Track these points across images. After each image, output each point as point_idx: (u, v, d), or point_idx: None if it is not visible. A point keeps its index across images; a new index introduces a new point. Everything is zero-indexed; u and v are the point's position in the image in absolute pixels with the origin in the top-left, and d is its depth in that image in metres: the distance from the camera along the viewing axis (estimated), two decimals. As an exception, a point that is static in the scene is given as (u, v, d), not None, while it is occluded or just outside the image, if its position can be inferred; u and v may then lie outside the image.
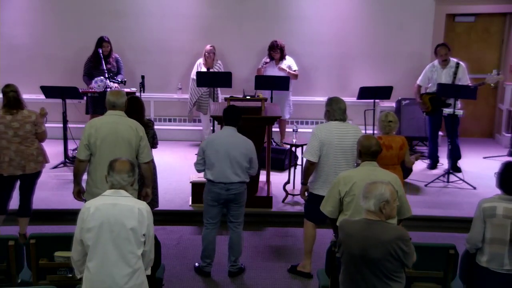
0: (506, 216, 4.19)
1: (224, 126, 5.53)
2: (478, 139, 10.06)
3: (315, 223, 5.58)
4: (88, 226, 3.70)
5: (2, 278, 4.52)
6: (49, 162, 6.28)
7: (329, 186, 5.27)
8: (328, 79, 9.68)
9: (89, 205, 3.78)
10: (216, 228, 5.62)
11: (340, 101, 5.48)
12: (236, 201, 5.50)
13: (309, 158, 5.41)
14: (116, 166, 3.82)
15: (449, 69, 8.12)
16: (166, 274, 5.04)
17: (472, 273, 4.43)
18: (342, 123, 5.43)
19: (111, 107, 5.18)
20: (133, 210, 3.73)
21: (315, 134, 5.43)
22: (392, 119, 5.88)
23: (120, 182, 3.80)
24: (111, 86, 8.21)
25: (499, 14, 9.78)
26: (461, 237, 4.94)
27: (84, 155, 5.13)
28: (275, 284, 5.57)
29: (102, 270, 3.69)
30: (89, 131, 5.09)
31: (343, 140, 5.35)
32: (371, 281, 3.66)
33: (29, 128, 5.81)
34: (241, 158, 5.39)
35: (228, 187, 5.41)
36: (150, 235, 3.80)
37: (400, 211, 4.53)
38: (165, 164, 7.77)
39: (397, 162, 5.78)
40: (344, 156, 5.36)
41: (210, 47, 8.94)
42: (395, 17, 9.48)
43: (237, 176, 5.41)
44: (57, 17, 9.51)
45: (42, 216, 6.58)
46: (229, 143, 5.39)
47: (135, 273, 3.72)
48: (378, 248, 3.62)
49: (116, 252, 3.68)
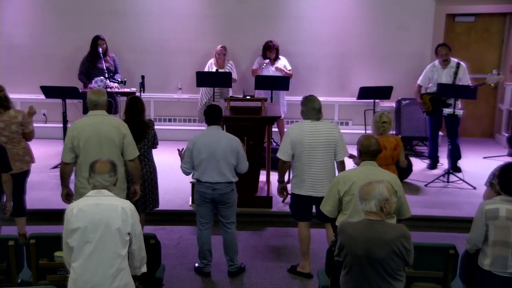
0: (509, 218, 4.16)
1: (208, 126, 5.51)
2: (478, 139, 10.06)
3: (304, 220, 5.60)
4: (72, 227, 3.71)
5: (2, 278, 4.52)
6: (35, 162, 6.20)
7: (303, 185, 5.42)
8: (328, 79, 9.68)
9: (72, 206, 3.79)
10: (209, 228, 5.60)
11: (314, 101, 5.49)
12: (223, 202, 5.47)
13: (281, 157, 5.49)
14: (97, 167, 3.82)
15: (449, 69, 8.12)
16: (166, 274, 5.03)
17: (473, 274, 4.41)
18: (315, 122, 5.44)
19: (93, 106, 5.15)
20: (117, 209, 3.73)
21: (287, 133, 5.52)
22: (386, 119, 5.91)
23: (101, 183, 3.80)
24: (111, 86, 8.21)
25: (499, 14, 9.78)
26: (461, 237, 4.94)
27: (69, 158, 5.14)
28: (275, 284, 5.57)
29: (86, 271, 3.69)
30: (72, 133, 5.08)
31: (314, 138, 5.37)
32: (376, 281, 3.66)
33: (15, 129, 5.79)
34: (227, 155, 5.37)
35: (214, 187, 5.39)
36: (137, 233, 3.79)
37: (399, 211, 4.54)
38: (165, 164, 7.75)
39: (391, 162, 5.81)
40: (318, 155, 5.38)
41: (221, 48, 8.90)
42: (395, 17, 9.48)
43: (223, 175, 5.38)
44: (57, 17, 9.52)
45: (42, 216, 6.58)
46: (213, 141, 5.37)
47: (119, 273, 3.72)
48: (382, 247, 3.63)
49: (99, 252, 3.68)
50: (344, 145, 5.46)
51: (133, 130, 5.32)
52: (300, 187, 5.45)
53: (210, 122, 5.49)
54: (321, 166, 5.38)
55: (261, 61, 8.89)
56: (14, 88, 9.00)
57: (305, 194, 5.43)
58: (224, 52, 8.90)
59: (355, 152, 4.95)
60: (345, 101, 9.65)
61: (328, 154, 5.40)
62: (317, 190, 5.37)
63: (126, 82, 8.39)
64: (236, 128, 6.67)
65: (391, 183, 4.48)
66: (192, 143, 5.43)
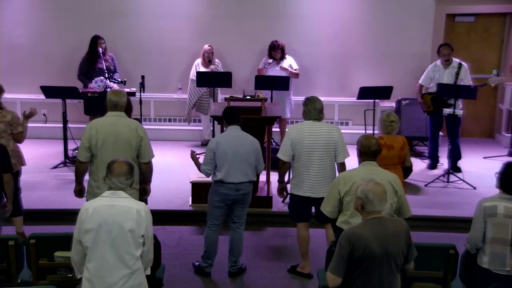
0: (507, 215, 4.18)
1: (229, 127, 5.53)
2: (478, 139, 10.06)
3: (303, 221, 5.60)
4: (87, 227, 3.70)
5: (2, 278, 4.52)
6: (26, 165, 6.12)
7: (302, 185, 5.41)
8: (328, 79, 9.68)
9: (87, 206, 3.77)
10: (219, 229, 5.62)
11: (316, 101, 5.49)
12: (242, 201, 5.51)
13: (281, 157, 5.50)
14: (114, 169, 3.80)
15: (451, 69, 8.12)
16: (166, 274, 5.03)
17: (473, 274, 4.42)
18: (316, 123, 5.44)
19: (113, 106, 5.15)
20: (131, 211, 3.72)
21: (286, 134, 5.53)
22: (394, 119, 5.89)
23: (118, 185, 3.79)
24: (111, 86, 8.21)
25: (499, 14, 9.78)
26: (461, 237, 4.94)
27: (85, 157, 5.11)
28: (275, 284, 5.57)
29: (100, 271, 3.69)
30: (90, 132, 5.07)
31: (314, 139, 5.37)
32: (388, 276, 3.64)
33: (2, 128, 5.76)
34: (249, 155, 5.41)
35: (237, 187, 5.41)
36: (149, 235, 3.80)
37: (400, 211, 4.54)
38: (165, 164, 7.76)
39: (397, 162, 5.77)
40: (317, 156, 5.37)
41: (209, 47, 8.97)
42: (395, 17, 9.48)
43: (246, 175, 5.43)
44: (57, 17, 9.51)
45: (42, 216, 6.58)
46: (236, 142, 5.40)
47: (133, 274, 3.72)
48: (396, 242, 3.65)
49: (114, 253, 3.68)
50: (344, 146, 5.45)
51: None
52: (299, 188, 5.45)
53: (231, 123, 5.51)
54: (320, 167, 5.37)
55: (266, 60, 8.90)
56: (14, 88, 9.03)
57: (303, 195, 5.44)
58: (212, 51, 8.96)
59: (355, 152, 4.94)
60: (345, 101, 9.65)
61: (328, 156, 5.39)
62: (316, 191, 5.37)
63: (126, 82, 8.39)
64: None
65: (391, 183, 4.49)
66: (215, 144, 5.41)
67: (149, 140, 5.24)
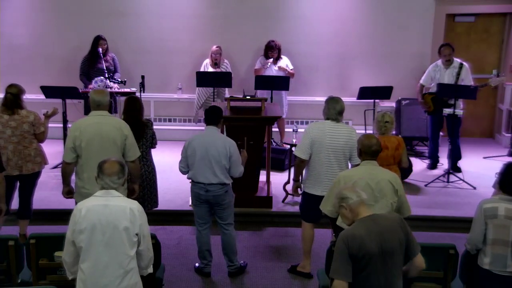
0: (508, 216, 4.17)
1: (206, 126, 5.51)
2: (478, 139, 10.06)
3: (312, 222, 5.59)
4: (80, 227, 3.69)
5: (2, 278, 4.52)
6: (48, 164, 6.25)
7: (320, 185, 5.36)
8: (328, 79, 9.68)
9: (80, 207, 3.76)
10: (208, 229, 5.59)
11: (337, 102, 5.46)
12: (217, 203, 5.44)
13: (299, 155, 5.43)
14: (106, 168, 3.78)
15: (452, 69, 8.12)
16: (166, 274, 5.03)
17: (473, 275, 4.41)
18: (336, 123, 5.42)
19: (95, 106, 5.15)
20: (125, 210, 3.71)
21: (307, 132, 5.46)
22: (389, 119, 5.88)
23: (110, 185, 3.78)
24: (111, 86, 8.21)
25: (499, 14, 9.78)
26: (461, 237, 4.95)
27: (70, 158, 5.13)
28: (275, 284, 5.57)
29: (95, 272, 3.68)
30: (74, 133, 5.07)
31: (335, 140, 5.34)
32: (389, 276, 3.58)
33: (26, 128, 5.79)
34: (220, 157, 5.32)
35: (207, 188, 5.37)
36: (145, 234, 3.78)
37: (400, 210, 4.55)
38: (165, 164, 7.75)
39: (393, 162, 5.76)
40: (336, 156, 5.35)
41: (217, 48, 8.92)
42: (395, 17, 9.48)
43: (216, 177, 5.35)
44: (57, 17, 9.52)
45: (42, 216, 6.58)
46: (208, 142, 5.35)
47: (128, 273, 3.72)
48: (392, 238, 3.57)
49: (108, 253, 3.68)
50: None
51: (132, 130, 5.31)
52: (317, 188, 5.37)
53: (208, 123, 5.49)
54: (339, 168, 5.31)
55: (264, 61, 8.88)
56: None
57: (320, 195, 5.27)
58: (220, 52, 8.92)
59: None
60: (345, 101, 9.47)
61: (345, 156, 5.36)
62: None
63: (126, 82, 8.40)
64: (236, 128, 6.69)
65: (391, 182, 4.50)
66: (187, 143, 5.44)
67: (134, 139, 5.22)
